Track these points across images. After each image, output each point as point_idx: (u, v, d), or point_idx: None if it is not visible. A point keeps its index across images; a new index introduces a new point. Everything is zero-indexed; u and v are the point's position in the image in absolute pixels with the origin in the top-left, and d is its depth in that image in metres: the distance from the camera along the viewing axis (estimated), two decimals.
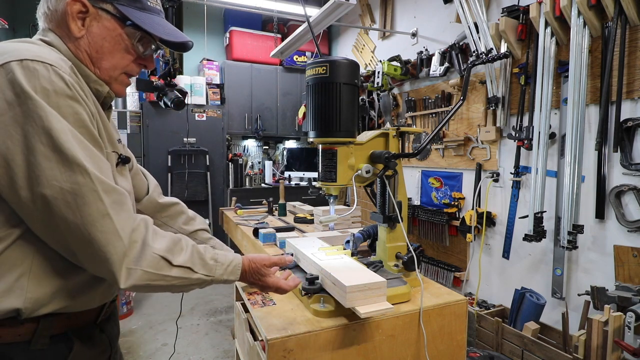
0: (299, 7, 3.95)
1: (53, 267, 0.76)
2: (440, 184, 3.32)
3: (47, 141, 0.66)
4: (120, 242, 0.71)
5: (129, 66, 0.88)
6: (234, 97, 4.66)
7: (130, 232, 0.73)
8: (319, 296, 1.10)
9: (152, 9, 0.87)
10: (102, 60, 0.83)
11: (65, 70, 0.72)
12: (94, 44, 0.82)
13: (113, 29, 0.82)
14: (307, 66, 1.17)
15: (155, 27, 0.85)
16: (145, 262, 0.74)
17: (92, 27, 0.81)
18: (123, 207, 0.74)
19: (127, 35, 0.84)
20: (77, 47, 0.81)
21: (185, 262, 0.80)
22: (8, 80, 0.65)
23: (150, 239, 0.77)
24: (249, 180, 4.95)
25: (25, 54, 0.68)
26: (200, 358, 2.67)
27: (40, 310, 0.75)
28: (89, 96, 0.78)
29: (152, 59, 0.92)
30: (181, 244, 0.82)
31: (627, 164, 1.98)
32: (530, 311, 2.26)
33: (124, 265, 0.72)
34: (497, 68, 2.66)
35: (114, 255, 0.70)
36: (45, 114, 0.66)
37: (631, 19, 1.95)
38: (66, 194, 0.67)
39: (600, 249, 2.16)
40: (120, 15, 0.82)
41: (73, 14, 0.79)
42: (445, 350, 1.18)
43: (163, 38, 0.87)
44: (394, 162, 1.19)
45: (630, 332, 1.61)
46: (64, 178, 0.67)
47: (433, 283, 1.34)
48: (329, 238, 1.72)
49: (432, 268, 3.25)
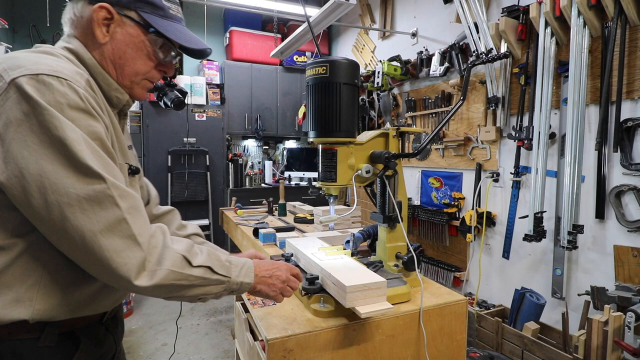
0: (299, 7, 3.95)
1: (64, 278, 0.77)
2: (440, 184, 3.32)
3: (62, 150, 0.67)
4: (137, 248, 0.71)
5: (151, 72, 0.90)
6: (234, 97, 4.66)
7: (148, 237, 0.74)
8: (319, 296, 1.10)
9: (174, 17, 0.90)
10: (125, 66, 0.85)
11: (80, 84, 0.73)
12: (117, 50, 0.84)
13: (136, 36, 0.85)
14: (307, 66, 1.17)
15: (177, 34, 0.88)
16: (169, 261, 0.75)
17: (116, 33, 0.83)
18: (139, 212, 0.75)
19: (149, 42, 0.86)
20: (100, 53, 0.83)
21: (204, 261, 0.81)
22: (23, 94, 0.66)
23: (169, 242, 0.78)
24: (249, 180, 4.95)
25: (42, 68, 0.69)
26: (200, 358, 2.67)
27: (48, 319, 0.75)
28: (104, 109, 0.79)
29: (172, 65, 0.94)
30: (195, 248, 0.83)
31: (627, 164, 1.98)
32: (530, 311, 2.26)
33: (146, 269, 0.72)
34: (497, 68, 2.66)
35: (133, 260, 0.71)
36: (60, 123, 0.67)
37: (631, 19, 1.95)
38: (82, 200, 0.68)
39: (600, 249, 2.16)
40: (144, 22, 0.84)
41: (98, 20, 0.81)
42: (445, 350, 1.18)
43: (184, 45, 0.89)
44: (394, 162, 1.19)
45: (630, 332, 1.61)
46: (79, 185, 0.68)
47: (433, 283, 1.34)
48: (329, 238, 1.72)
49: (432, 268, 3.25)
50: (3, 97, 0.67)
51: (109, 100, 0.86)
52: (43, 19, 3.84)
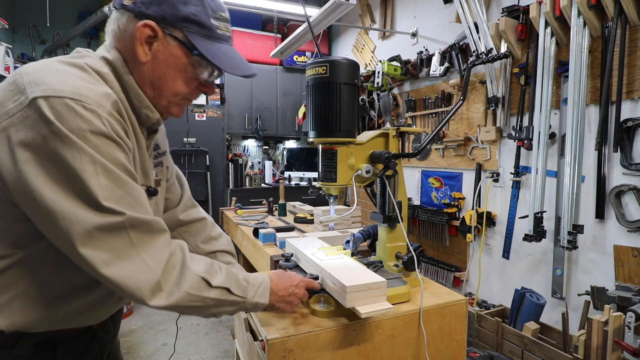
0: (299, 7, 3.95)
1: (52, 292, 0.76)
2: (440, 184, 3.32)
3: (77, 182, 0.65)
4: (150, 271, 0.71)
5: (190, 93, 0.87)
6: (234, 97, 4.66)
7: (165, 259, 0.73)
8: (319, 296, 1.10)
9: (222, 37, 0.84)
10: (164, 87, 0.82)
11: (105, 108, 0.70)
12: (158, 70, 0.81)
13: (179, 57, 0.81)
14: (307, 66, 1.17)
15: (222, 59, 0.82)
16: (187, 283, 0.75)
17: (158, 52, 0.79)
18: (155, 236, 0.73)
19: (192, 64, 0.82)
20: (139, 71, 0.80)
21: (223, 282, 0.80)
22: (44, 116, 0.63)
23: (189, 262, 0.77)
24: (249, 180, 4.95)
25: (66, 90, 0.66)
26: (200, 358, 2.67)
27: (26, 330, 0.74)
28: (129, 132, 0.77)
29: (213, 85, 0.91)
30: (215, 266, 0.82)
31: (627, 164, 1.98)
32: (530, 311, 2.26)
33: (164, 289, 0.72)
34: (497, 68, 2.66)
35: (145, 284, 0.70)
36: (79, 153, 0.65)
37: (631, 19, 1.95)
38: (93, 230, 0.66)
39: (600, 249, 2.16)
40: (189, 43, 0.80)
41: (142, 38, 0.77)
42: (445, 350, 1.18)
43: (228, 72, 0.84)
44: (394, 162, 1.19)
45: (630, 332, 1.61)
46: (91, 216, 0.66)
47: (433, 283, 1.34)
48: (329, 238, 1.72)
49: (432, 268, 3.25)
50: (23, 113, 0.64)
51: (139, 117, 0.82)
52: (43, 19, 3.84)
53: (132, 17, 0.78)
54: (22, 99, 0.65)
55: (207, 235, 1.16)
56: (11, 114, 0.64)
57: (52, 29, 4.08)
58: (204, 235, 1.16)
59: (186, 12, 0.78)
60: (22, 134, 0.64)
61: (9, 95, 0.66)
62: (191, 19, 0.79)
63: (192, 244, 1.14)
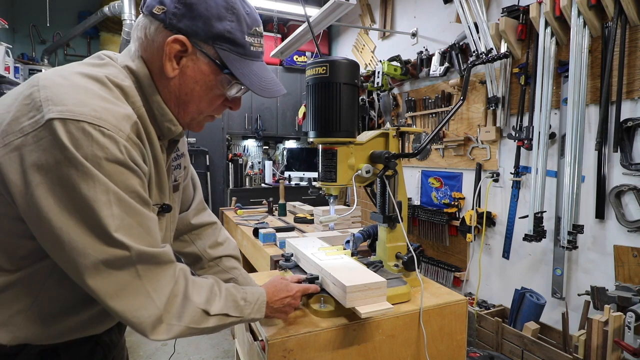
0: (299, 7, 3.95)
1: (55, 308, 0.75)
2: (440, 184, 3.32)
3: (88, 211, 0.63)
4: (153, 305, 0.70)
5: (216, 110, 0.84)
6: None
7: (169, 291, 0.73)
8: (319, 296, 1.10)
9: (254, 54, 0.80)
10: (189, 103, 0.79)
11: (124, 133, 0.67)
12: (185, 87, 0.77)
13: (208, 74, 0.77)
14: (307, 66, 1.17)
15: (253, 79, 0.79)
16: (188, 317, 0.75)
17: (187, 68, 0.76)
18: (161, 268, 0.73)
19: (221, 82, 0.78)
20: (165, 85, 0.77)
21: (221, 309, 0.81)
22: (59, 140, 0.61)
23: (191, 291, 0.77)
24: (249, 180, 4.95)
25: (85, 112, 0.63)
26: (200, 358, 2.67)
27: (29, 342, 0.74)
28: (147, 155, 0.74)
29: (240, 101, 0.87)
30: (215, 289, 0.82)
31: (627, 164, 1.98)
32: (530, 311, 2.26)
33: (164, 322, 0.72)
34: (497, 68, 2.66)
35: (147, 319, 0.70)
36: (93, 182, 0.63)
37: (631, 19, 1.94)
38: (99, 263, 0.65)
39: (600, 249, 2.16)
40: (220, 61, 0.76)
41: (171, 54, 0.73)
42: (445, 350, 1.18)
43: (257, 93, 0.80)
44: (394, 162, 1.19)
45: (630, 332, 1.61)
46: (99, 248, 0.65)
47: (433, 283, 1.34)
48: (329, 238, 1.72)
49: (432, 268, 3.25)
50: (38, 134, 0.61)
51: (161, 130, 0.80)
52: (43, 19, 3.84)
53: (162, 28, 0.74)
54: (37, 117, 0.62)
55: (215, 240, 1.15)
56: (26, 132, 0.62)
57: (52, 29, 4.08)
58: (212, 240, 1.14)
59: (221, 29, 0.74)
60: (35, 156, 0.61)
61: (25, 110, 0.63)
62: (225, 36, 0.75)
63: (200, 248, 1.13)
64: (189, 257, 1.14)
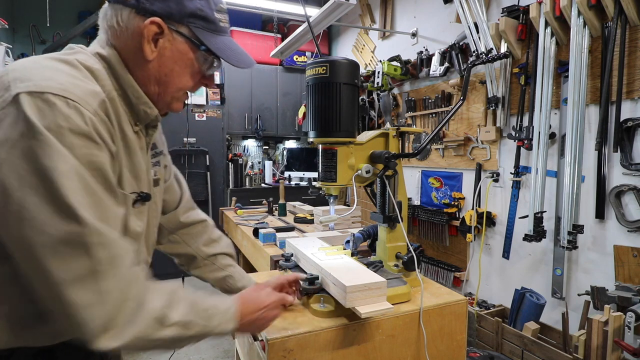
0: (299, 7, 3.95)
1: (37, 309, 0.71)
2: (440, 184, 3.32)
3: (48, 182, 0.61)
4: (104, 306, 0.64)
5: (193, 87, 0.87)
6: (234, 97, 4.66)
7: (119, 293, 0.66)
8: (319, 296, 1.10)
9: (223, 30, 0.84)
10: (170, 83, 0.81)
11: (91, 106, 0.66)
12: (164, 67, 0.79)
13: (185, 53, 0.80)
14: (307, 66, 1.17)
15: (228, 53, 0.83)
16: (138, 326, 0.68)
17: (164, 49, 0.78)
18: (117, 262, 0.67)
19: (198, 59, 0.82)
20: (143, 69, 0.78)
21: (181, 317, 0.73)
22: (22, 113, 0.60)
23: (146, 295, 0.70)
24: (249, 180, 4.95)
25: (51, 85, 0.63)
26: (200, 358, 2.67)
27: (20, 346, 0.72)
28: (116, 136, 0.73)
29: (214, 78, 0.91)
30: (177, 296, 0.75)
31: (627, 164, 1.98)
32: (530, 311, 2.26)
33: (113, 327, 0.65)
34: (497, 68, 2.66)
35: (97, 320, 0.64)
36: (52, 151, 0.61)
37: (631, 19, 1.95)
38: (57, 243, 0.61)
39: (600, 249, 2.16)
40: (196, 39, 0.79)
41: (149, 36, 0.75)
42: (445, 350, 1.18)
43: (234, 65, 0.84)
44: (394, 162, 1.19)
45: (630, 332, 1.61)
46: (58, 225, 0.61)
47: (433, 283, 1.34)
48: (329, 238, 1.72)
49: (432, 268, 3.25)
50: (5, 111, 0.61)
51: (137, 114, 0.80)
52: (43, 19, 3.84)
53: (134, 14, 0.75)
54: (5, 96, 0.62)
55: (208, 238, 1.14)
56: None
57: (52, 29, 4.08)
58: (205, 238, 1.14)
59: (192, 7, 0.77)
60: (1, 133, 0.61)
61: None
62: (197, 14, 0.78)
63: (193, 246, 1.12)
64: (182, 257, 1.14)
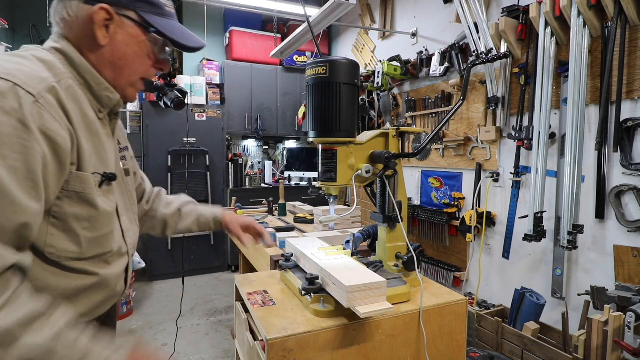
0: (299, 7, 3.95)
1: None
2: (440, 184, 3.32)
3: None
4: None
5: (148, 71, 0.90)
6: (234, 97, 4.66)
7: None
8: (319, 296, 1.10)
9: (170, 14, 0.90)
10: (125, 67, 0.85)
11: (34, 89, 0.66)
12: (117, 52, 0.83)
13: (136, 36, 0.84)
14: (307, 66, 1.17)
15: (178, 34, 0.88)
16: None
17: (116, 34, 0.82)
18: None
19: (149, 41, 0.86)
20: (98, 55, 0.82)
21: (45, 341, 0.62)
22: None
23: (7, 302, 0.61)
24: (249, 180, 4.95)
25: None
26: (200, 358, 2.67)
27: None
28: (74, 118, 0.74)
29: (168, 62, 0.95)
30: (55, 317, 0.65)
31: (627, 164, 1.98)
32: (530, 311, 2.26)
33: None
34: (497, 68, 2.66)
35: None
36: None
37: (631, 19, 1.94)
38: None
39: (600, 249, 2.16)
40: (144, 22, 0.84)
41: (99, 22, 0.79)
42: (445, 350, 1.18)
43: (184, 44, 0.89)
44: (394, 162, 1.19)
45: (630, 332, 1.61)
46: None
47: (433, 283, 1.34)
48: (329, 238, 1.72)
49: (432, 268, 3.25)
50: None
51: (99, 100, 0.84)
52: (43, 19, 3.84)
53: (82, 3, 0.79)
54: None
55: (165, 202, 1.26)
56: None
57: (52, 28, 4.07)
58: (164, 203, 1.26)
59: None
60: None
61: None
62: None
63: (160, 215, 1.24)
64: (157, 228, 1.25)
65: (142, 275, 4.19)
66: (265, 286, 1.31)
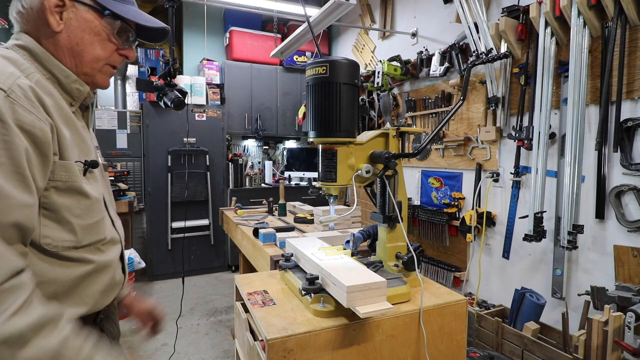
0: (299, 7, 3.95)
1: None
2: (440, 184, 3.32)
3: None
4: None
5: (111, 57, 0.88)
6: (234, 97, 4.66)
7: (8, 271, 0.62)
8: (319, 296, 1.10)
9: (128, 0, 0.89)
10: (84, 52, 0.83)
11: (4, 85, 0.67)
12: (74, 37, 0.82)
13: (91, 20, 0.83)
14: (307, 66, 1.17)
15: (134, 14, 0.87)
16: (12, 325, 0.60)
17: (70, 20, 0.81)
18: None
19: (106, 25, 0.85)
20: (55, 43, 0.81)
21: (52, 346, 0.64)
22: None
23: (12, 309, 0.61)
24: (249, 180, 4.95)
25: None
26: (200, 358, 2.67)
27: None
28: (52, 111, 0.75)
29: (133, 49, 0.93)
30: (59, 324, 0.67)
31: (627, 164, 1.98)
32: (530, 311, 2.26)
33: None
34: (497, 68, 2.66)
35: None
36: None
37: (631, 19, 1.94)
38: None
39: (600, 249, 2.16)
40: (98, 5, 0.83)
41: (50, 8, 0.78)
42: (445, 350, 1.18)
43: (142, 24, 0.88)
44: (394, 162, 1.19)
45: (630, 332, 1.61)
46: None
47: (433, 283, 1.34)
48: (329, 238, 1.72)
49: (432, 268, 3.25)
50: None
51: (70, 93, 0.83)
52: None
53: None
54: None
55: None
56: None
57: None
58: None
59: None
60: None
61: None
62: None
63: None
64: None
65: (142, 275, 4.19)
66: (265, 286, 1.31)
